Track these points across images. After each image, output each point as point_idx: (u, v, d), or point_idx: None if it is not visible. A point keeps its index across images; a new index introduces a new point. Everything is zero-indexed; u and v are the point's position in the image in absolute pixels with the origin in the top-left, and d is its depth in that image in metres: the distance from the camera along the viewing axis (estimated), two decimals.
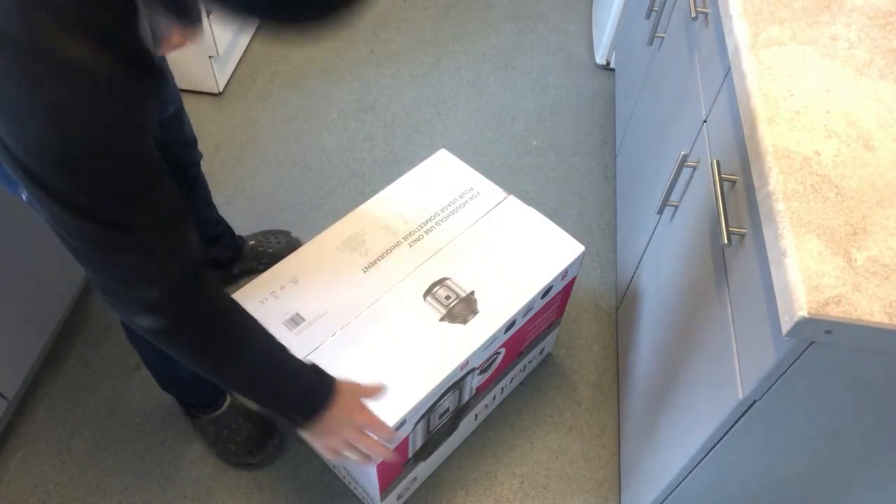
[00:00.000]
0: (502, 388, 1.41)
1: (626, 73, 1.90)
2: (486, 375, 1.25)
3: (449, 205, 1.29)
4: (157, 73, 0.59)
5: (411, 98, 2.12)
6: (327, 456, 0.92)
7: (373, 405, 0.96)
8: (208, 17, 0.64)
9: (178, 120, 1.27)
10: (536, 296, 1.18)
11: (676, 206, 1.18)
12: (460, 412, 1.27)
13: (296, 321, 1.13)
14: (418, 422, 1.11)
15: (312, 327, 1.12)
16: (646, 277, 1.34)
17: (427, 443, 1.23)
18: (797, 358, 0.73)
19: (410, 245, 1.23)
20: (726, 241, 0.85)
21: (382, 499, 1.21)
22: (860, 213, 0.74)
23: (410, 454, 1.18)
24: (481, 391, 1.29)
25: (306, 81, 2.15)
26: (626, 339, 1.47)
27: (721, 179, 0.92)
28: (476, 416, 1.38)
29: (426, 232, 1.25)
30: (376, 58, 2.23)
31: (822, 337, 0.68)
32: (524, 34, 2.34)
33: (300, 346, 1.09)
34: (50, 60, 0.51)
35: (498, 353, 1.22)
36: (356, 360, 1.09)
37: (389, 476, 1.17)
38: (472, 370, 1.16)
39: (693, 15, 1.16)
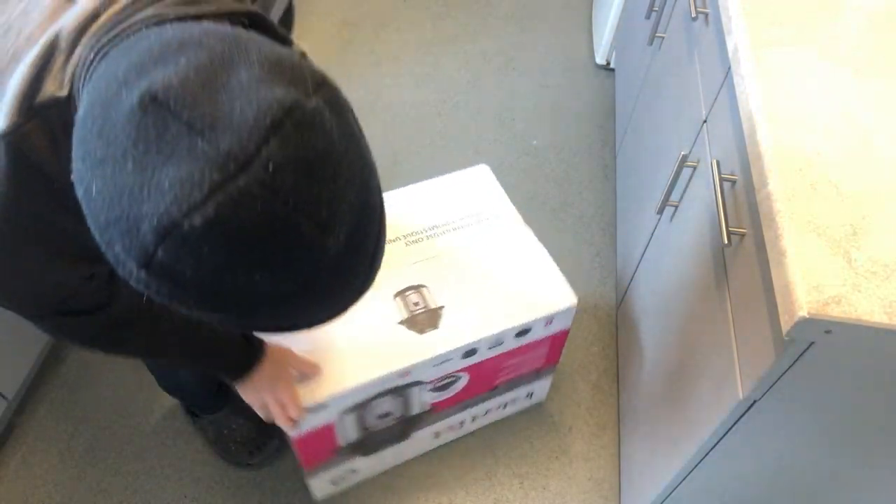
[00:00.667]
0: (473, 417, 1.38)
1: (626, 73, 1.90)
2: (445, 396, 1.23)
3: (462, 218, 1.28)
4: None
5: (411, 98, 2.12)
6: (254, 407, 1.01)
7: (303, 381, 1.05)
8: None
9: None
10: (506, 332, 1.15)
11: (676, 206, 1.18)
12: (410, 422, 1.26)
13: None
14: (347, 413, 1.12)
15: None
16: (646, 277, 1.34)
17: (366, 439, 1.23)
18: (797, 358, 0.73)
19: (407, 244, 1.23)
20: (726, 241, 0.85)
21: (310, 477, 1.25)
22: (860, 213, 0.74)
23: (342, 443, 1.20)
24: (439, 410, 1.27)
25: None
26: (626, 339, 1.47)
27: (721, 179, 0.92)
28: (437, 433, 1.36)
29: (427, 237, 1.25)
30: (376, 58, 2.23)
31: (822, 337, 0.68)
32: (524, 34, 2.34)
33: None
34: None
35: (457, 378, 1.20)
36: (303, 333, 1.10)
37: (314, 457, 1.20)
38: (420, 383, 1.15)
39: (693, 15, 1.16)
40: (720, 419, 0.86)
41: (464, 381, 1.22)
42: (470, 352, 1.14)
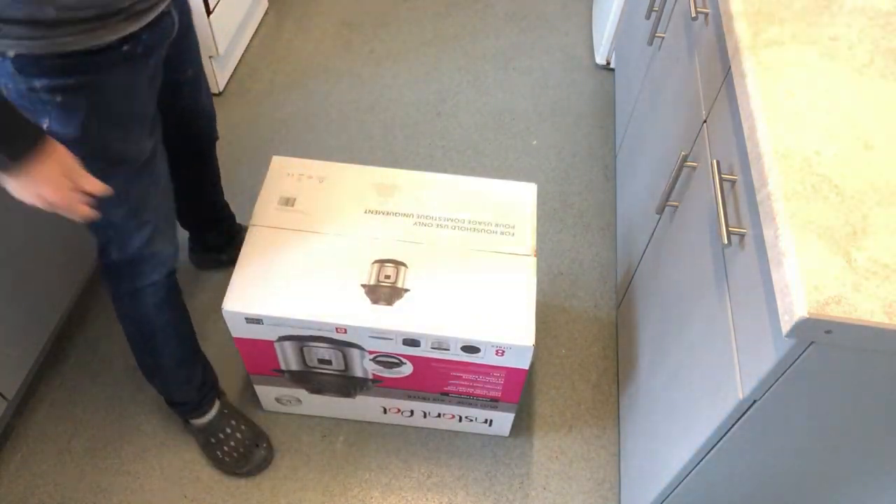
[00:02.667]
0: (425, 413, 1.40)
1: (626, 73, 1.90)
2: (389, 374, 1.27)
3: (478, 223, 1.28)
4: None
5: (411, 98, 2.12)
6: (36, 202, 0.88)
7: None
8: None
9: (196, 84, 1.23)
10: (450, 340, 1.15)
11: (676, 206, 1.18)
12: (353, 383, 1.32)
13: (289, 202, 1.28)
14: (285, 340, 1.21)
15: (294, 214, 1.26)
16: (646, 278, 1.34)
17: (309, 377, 1.32)
18: (797, 358, 0.73)
19: (415, 224, 1.26)
20: (726, 241, 0.85)
21: (256, 384, 1.37)
22: (860, 213, 0.74)
23: (283, 367, 1.29)
24: (384, 385, 1.31)
25: (306, 81, 2.15)
26: (626, 339, 1.47)
27: (721, 179, 0.92)
28: (385, 409, 1.40)
29: (437, 225, 1.26)
30: (376, 58, 2.23)
31: (822, 337, 0.68)
32: (524, 34, 2.34)
33: (276, 218, 1.26)
34: None
35: (401, 362, 1.23)
36: (284, 255, 1.21)
37: (255, 366, 1.30)
38: (360, 348, 1.20)
39: (693, 15, 1.16)
40: (720, 419, 0.86)
41: (408, 368, 1.25)
42: (411, 341, 1.17)
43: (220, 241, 1.63)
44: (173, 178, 1.16)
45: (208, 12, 1.89)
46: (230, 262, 1.58)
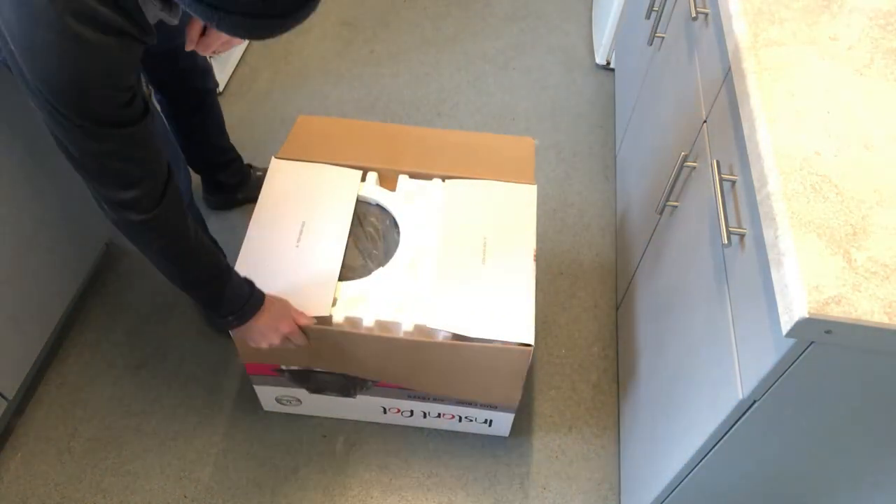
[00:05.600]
0: (424, 413, 1.39)
1: (626, 73, 1.90)
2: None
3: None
4: (148, 38, 0.80)
5: (411, 98, 2.12)
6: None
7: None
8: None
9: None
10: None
11: (676, 206, 1.18)
12: (353, 382, 1.33)
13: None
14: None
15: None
16: (646, 277, 1.34)
17: (308, 377, 1.32)
18: (797, 358, 0.73)
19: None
20: (726, 241, 0.85)
21: (255, 384, 1.38)
22: (860, 213, 0.74)
23: (283, 367, 1.30)
24: (384, 387, 1.32)
25: (306, 81, 2.15)
26: (626, 339, 1.47)
27: (721, 179, 0.92)
28: (385, 409, 1.41)
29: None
30: (376, 58, 2.23)
31: (822, 337, 0.68)
32: (524, 34, 2.34)
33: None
34: (68, 34, 0.73)
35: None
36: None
37: (254, 367, 1.31)
38: None
39: (693, 15, 1.16)
40: (720, 419, 0.86)
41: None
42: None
43: (234, 180, 1.76)
44: (182, 129, 1.53)
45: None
46: (245, 199, 1.78)
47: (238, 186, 1.78)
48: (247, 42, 2.24)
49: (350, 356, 1.23)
